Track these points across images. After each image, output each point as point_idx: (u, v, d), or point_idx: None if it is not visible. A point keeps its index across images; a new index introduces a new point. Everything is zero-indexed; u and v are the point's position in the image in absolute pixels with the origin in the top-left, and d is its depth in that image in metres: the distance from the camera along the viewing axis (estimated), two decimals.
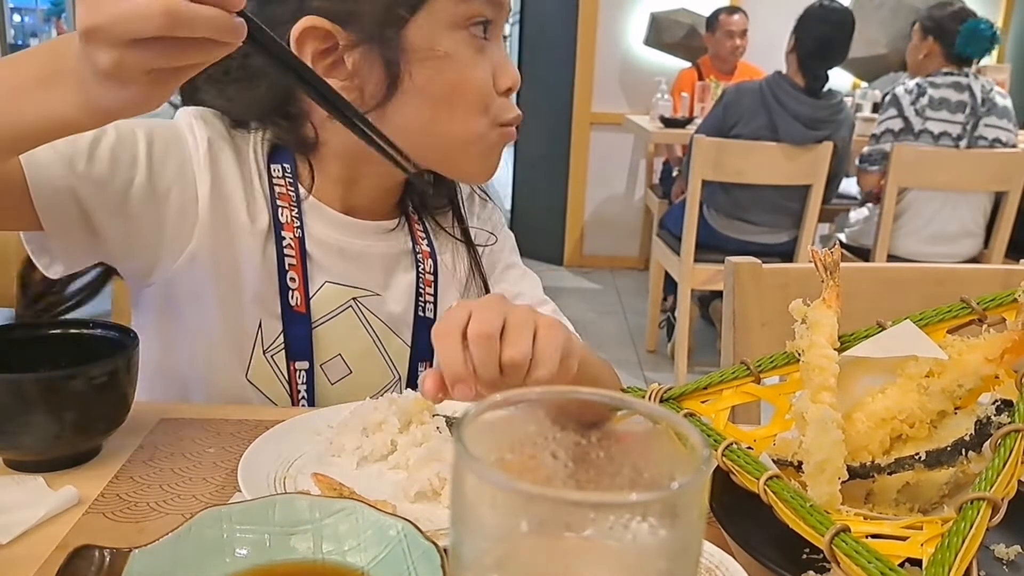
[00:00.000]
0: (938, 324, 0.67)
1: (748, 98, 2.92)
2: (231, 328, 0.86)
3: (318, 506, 0.53)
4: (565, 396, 0.37)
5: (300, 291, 0.86)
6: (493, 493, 0.31)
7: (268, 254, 0.85)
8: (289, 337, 0.86)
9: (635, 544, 0.30)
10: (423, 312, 0.92)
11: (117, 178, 0.78)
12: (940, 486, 0.60)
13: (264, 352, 0.87)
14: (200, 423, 0.79)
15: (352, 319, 0.89)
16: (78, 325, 0.77)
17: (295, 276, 0.85)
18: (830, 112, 2.89)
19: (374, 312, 0.90)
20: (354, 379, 0.90)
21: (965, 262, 2.94)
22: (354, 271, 0.89)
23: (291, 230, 0.85)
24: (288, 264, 0.85)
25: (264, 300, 0.86)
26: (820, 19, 2.90)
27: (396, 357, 0.92)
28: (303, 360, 0.87)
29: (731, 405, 0.71)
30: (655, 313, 3.59)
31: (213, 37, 0.53)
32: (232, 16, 0.53)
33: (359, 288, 0.89)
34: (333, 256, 0.88)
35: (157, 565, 0.48)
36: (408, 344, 0.92)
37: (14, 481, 0.67)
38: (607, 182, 4.83)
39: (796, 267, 1.14)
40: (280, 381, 0.87)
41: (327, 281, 0.88)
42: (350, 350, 0.89)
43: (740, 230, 3.08)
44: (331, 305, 0.88)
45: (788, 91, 2.88)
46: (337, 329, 0.88)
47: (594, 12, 4.59)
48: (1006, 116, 2.87)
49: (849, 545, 0.50)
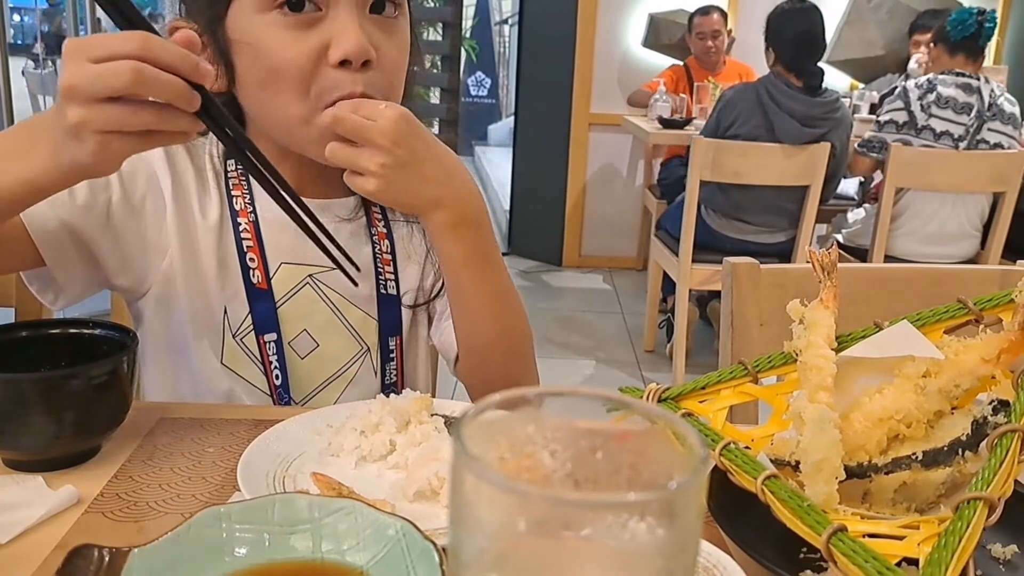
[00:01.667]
0: (935, 324, 0.67)
1: (744, 98, 2.93)
2: (200, 318, 0.90)
3: (317, 505, 0.53)
4: (564, 396, 0.37)
5: (260, 269, 0.90)
6: (491, 493, 0.31)
7: (224, 242, 0.90)
8: (254, 312, 0.90)
9: (633, 543, 0.30)
10: (385, 290, 0.95)
11: (97, 201, 0.84)
12: (937, 486, 0.60)
13: (234, 336, 0.91)
14: (199, 423, 0.79)
15: (311, 294, 0.93)
16: (78, 325, 0.77)
17: (254, 256, 0.90)
18: (826, 110, 2.90)
19: (331, 286, 0.93)
20: (322, 351, 0.93)
21: (962, 263, 2.94)
22: (308, 249, 0.91)
23: (245, 215, 0.91)
24: (246, 246, 0.90)
25: (225, 287, 0.90)
26: (789, 18, 2.93)
27: (360, 328, 0.94)
28: (271, 332, 0.90)
29: (729, 405, 0.71)
30: (653, 313, 3.59)
31: (171, 102, 0.61)
32: (189, 87, 0.61)
33: (314, 265, 0.92)
34: (287, 237, 0.90)
35: (156, 564, 0.48)
36: (372, 317, 0.95)
37: (13, 480, 0.67)
38: (605, 182, 4.83)
39: (794, 268, 1.15)
40: (252, 361, 0.91)
41: (283, 262, 0.92)
42: (313, 324, 0.93)
43: (738, 230, 3.08)
44: (289, 284, 0.92)
45: (783, 89, 2.89)
46: (298, 305, 0.92)
47: (593, 13, 4.59)
48: (1011, 123, 2.87)
49: (846, 544, 0.50)
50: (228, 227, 0.91)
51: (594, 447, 0.36)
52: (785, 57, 2.91)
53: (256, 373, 0.91)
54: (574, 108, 4.69)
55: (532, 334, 0.91)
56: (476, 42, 9.01)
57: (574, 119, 4.71)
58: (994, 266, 2.63)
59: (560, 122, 4.72)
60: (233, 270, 0.90)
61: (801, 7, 2.95)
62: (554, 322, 3.87)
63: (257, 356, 0.91)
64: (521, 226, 5.04)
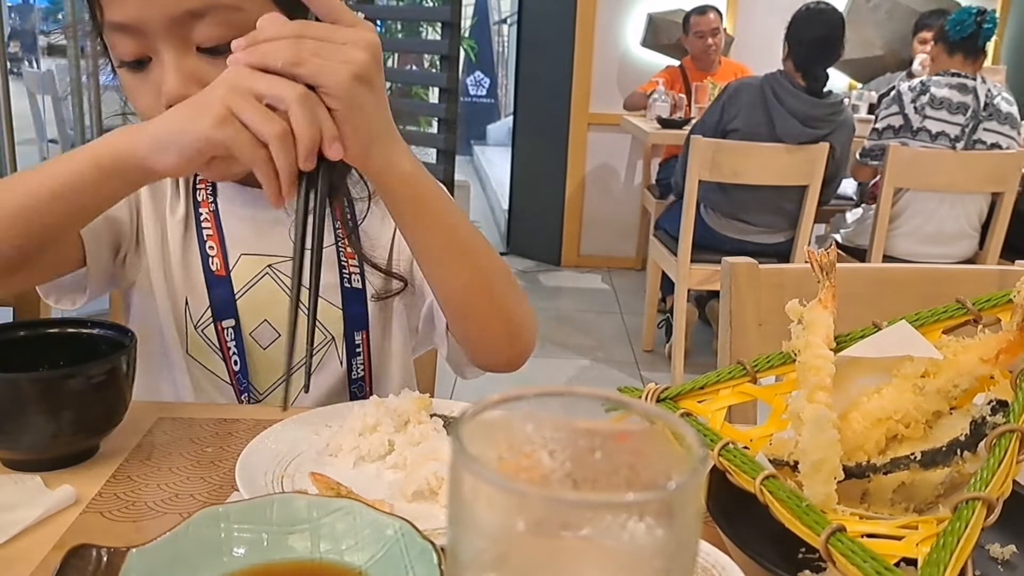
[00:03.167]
0: (934, 324, 0.67)
1: (747, 93, 2.93)
2: (166, 309, 0.93)
3: (316, 505, 0.53)
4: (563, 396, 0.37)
5: (219, 257, 0.93)
6: (490, 492, 0.31)
7: (188, 235, 0.94)
8: (213, 299, 0.92)
9: (632, 544, 0.30)
10: (349, 283, 0.95)
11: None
12: (936, 486, 0.60)
13: (196, 328, 0.93)
14: (198, 422, 0.79)
15: (271, 284, 0.94)
16: (76, 324, 0.77)
17: (213, 245, 0.93)
18: (828, 111, 2.89)
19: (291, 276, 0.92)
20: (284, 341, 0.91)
21: (961, 263, 2.94)
22: (267, 240, 0.95)
23: (207, 206, 0.95)
24: (206, 235, 0.93)
25: (187, 277, 0.93)
26: (810, 21, 2.92)
27: (323, 317, 0.93)
28: (229, 319, 0.92)
29: (728, 405, 0.71)
30: (652, 313, 3.59)
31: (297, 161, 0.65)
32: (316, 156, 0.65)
33: (274, 255, 0.94)
34: (246, 228, 0.94)
35: (154, 564, 0.48)
36: (336, 306, 0.94)
37: (11, 480, 0.67)
38: (604, 182, 4.83)
39: (792, 267, 1.15)
40: (213, 350, 0.93)
41: (242, 253, 0.94)
42: (274, 314, 0.93)
43: (737, 229, 3.08)
44: (249, 274, 0.93)
45: (788, 88, 2.89)
46: (259, 296, 0.93)
47: (592, 13, 4.59)
48: (1009, 122, 2.87)
49: (845, 545, 0.50)
50: (192, 221, 0.94)
51: (593, 447, 0.36)
52: (797, 57, 2.91)
53: (218, 362, 0.93)
54: (573, 108, 4.70)
55: (508, 268, 0.88)
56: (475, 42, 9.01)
57: (573, 119, 4.71)
58: (992, 266, 2.64)
59: (559, 122, 4.72)
60: (195, 261, 0.93)
61: (822, 10, 2.94)
62: (553, 322, 3.87)
63: (216, 345, 0.92)
64: (520, 226, 5.04)
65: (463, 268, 0.83)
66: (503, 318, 0.86)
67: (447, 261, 0.82)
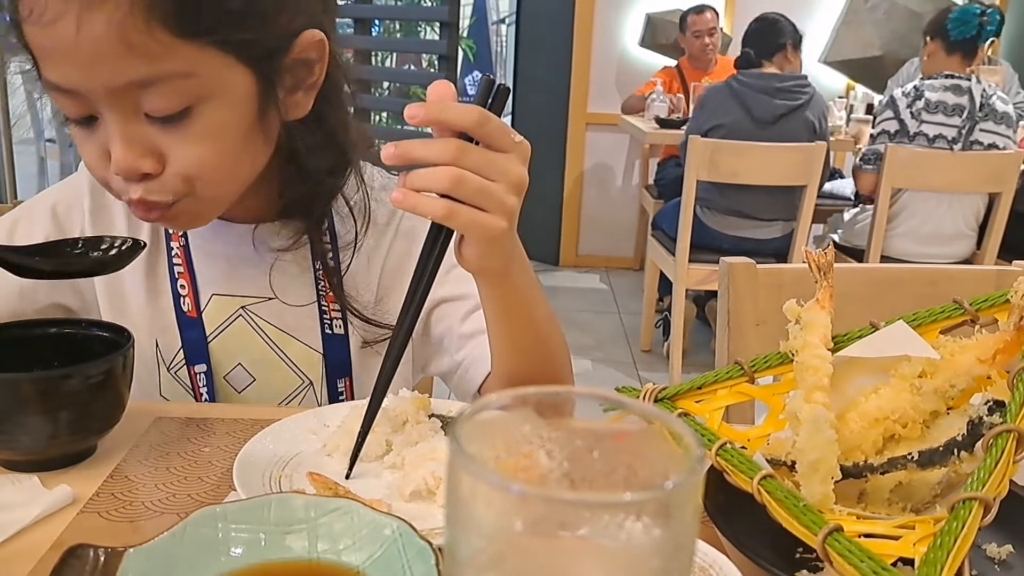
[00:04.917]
0: (931, 325, 0.68)
1: (715, 93, 3.13)
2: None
3: (313, 505, 0.53)
4: (562, 396, 0.37)
5: (191, 297, 0.88)
6: (488, 492, 0.31)
7: (157, 272, 0.89)
8: (185, 342, 0.88)
9: (629, 543, 0.30)
10: (331, 330, 0.89)
11: None
12: (932, 486, 0.60)
13: (168, 369, 0.90)
14: (195, 422, 0.79)
15: (245, 327, 0.89)
16: (73, 324, 0.77)
17: (184, 283, 0.88)
18: (793, 83, 3.02)
19: (266, 319, 0.89)
20: (259, 385, 0.90)
21: (958, 263, 2.95)
22: (240, 281, 0.89)
23: (177, 240, 0.89)
24: (177, 272, 0.88)
25: (156, 316, 0.89)
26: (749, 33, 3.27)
27: (300, 361, 0.90)
28: (200, 363, 0.88)
29: (725, 405, 0.71)
30: (650, 313, 3.59)
31: None
32: None
33: (247, 296, 0.89)
34: (219, 265, 0.89)
35: (152, 564, 0.47)
36: (316, 350, 0.90)
37: (9, 480, 0.67)
38: (603, 182, 4.83)
39: (790, 267, 1.15)
40: (188, 393, 0.89)
41: (214, 293, 0.89)
42: (248, 358, 0.90)
43: (734, 225, 3.09)
44: (221, 316, 0.89)
45: (751, 73, 3.08)
46: (232, 338, 0.89)
47: (590, 13, 4.59)
48: (1005, 121, 2.87)
49: (842, 544, 0.50)
50: (162, 256, 0.89)
51: (590, 447, 0.36)
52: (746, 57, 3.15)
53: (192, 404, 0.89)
54: (571, 108, 4.70)
55: (567, 345, 0.86)
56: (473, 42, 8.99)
57: (571, 119, 4.72)
58: (990, 266, 2.64)
59: (557, 122, 4.72)
60: (165, 301, 0.88)
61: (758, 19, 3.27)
62: None
63: (190, 386, 0.89)
64: (518, 226, 5.02)
65: (534, 356, 0.81)
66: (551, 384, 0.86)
67: (524, 351, 0.81)
